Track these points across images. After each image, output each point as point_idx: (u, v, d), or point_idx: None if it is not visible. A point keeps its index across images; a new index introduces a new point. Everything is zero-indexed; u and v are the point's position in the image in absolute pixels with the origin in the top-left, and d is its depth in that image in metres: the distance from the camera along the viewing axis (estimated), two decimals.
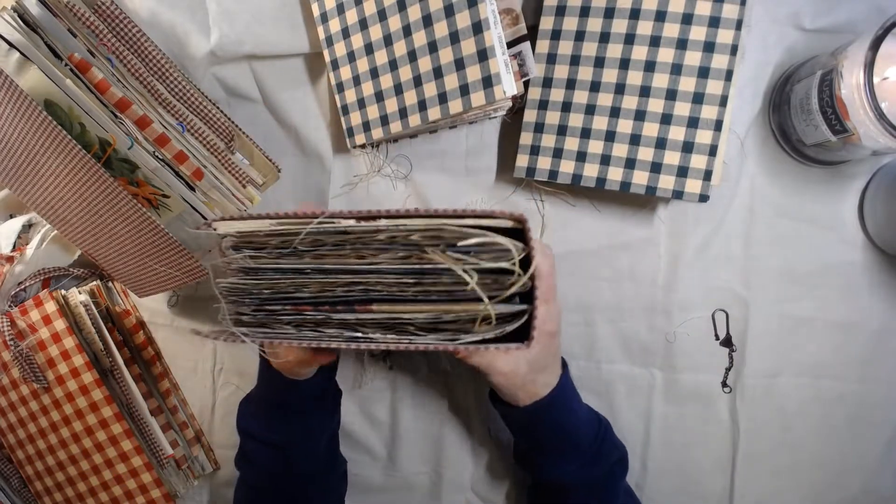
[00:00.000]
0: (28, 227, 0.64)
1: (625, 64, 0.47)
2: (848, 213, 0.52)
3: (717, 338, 0.55)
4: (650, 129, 0.48)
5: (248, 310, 0.35)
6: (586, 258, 0.56)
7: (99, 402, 0.56)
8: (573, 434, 0.47)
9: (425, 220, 0.31)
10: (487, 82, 0.45)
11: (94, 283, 0.61)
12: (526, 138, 0.52)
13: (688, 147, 0.47)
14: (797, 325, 0.54)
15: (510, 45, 0.49)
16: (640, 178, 0.48)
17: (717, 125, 0.46)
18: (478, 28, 0.44)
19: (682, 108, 0.47)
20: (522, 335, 0.33)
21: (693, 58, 0.46)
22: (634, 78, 0.47)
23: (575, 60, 0.49)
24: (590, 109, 0.49)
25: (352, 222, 0.31)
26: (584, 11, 0.48)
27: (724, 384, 0.55)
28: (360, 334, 0.32)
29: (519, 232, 0.32)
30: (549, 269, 0.42)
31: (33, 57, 0.45)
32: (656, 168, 0.48)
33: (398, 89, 0.50)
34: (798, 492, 0.55)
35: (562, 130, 0.50)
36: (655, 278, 0.55)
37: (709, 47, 0.45)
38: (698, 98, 0.46)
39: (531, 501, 0.55)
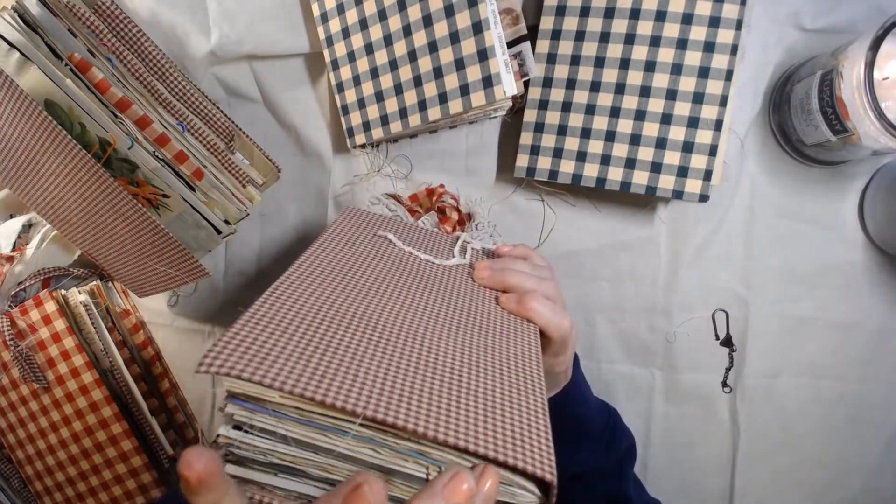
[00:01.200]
0: (28, 227, 0.64)
1: (625, 64, 0.47)
2: (848, 213, 0.52)
3: (717, 338, 0.55)
4: (650, 129, 0.48)
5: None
6: (586, 258, 0.56)
7: (99, 402, 0.56)
8: (587, 423, 0.48)
9: (452, 451, 0.27)
10: (487, 82, 0.45)
11: (94, 283, 0.61)
12: (526, 138, 0.52)
13: (688, 147, 0.47)
14: (797, 325, 0.54)
15: (510, 45, 0.49)
16: (640, 178, 0.48)
17: (717, 125, 0.46)
18: (478, 28, 0.44)
19: (682, 108, 0.47)
20: None
21: (693, 58, 0.46)
22: (634, 78, 0.47)
23: (575, 60, 0.49)
24: (590, 109, 0.49)
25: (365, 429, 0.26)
26: (584, 11, 0.48)
27: (725, 384, 0.55)
28: None
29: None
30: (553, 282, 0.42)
31: (33, 57, 0.45)
32: (656, 168, 0.48)
33: (398, 89, 0.50)
34: (798, 492, 0.56)
35: (562, 130, 0.50)
36: (655, 278, 0.55)
37: (709, 47, 0.45)
38: (698, 98, 0.46)
39: None
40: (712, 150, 0.47)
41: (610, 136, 0.49)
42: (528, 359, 0.36)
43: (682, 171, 0.47)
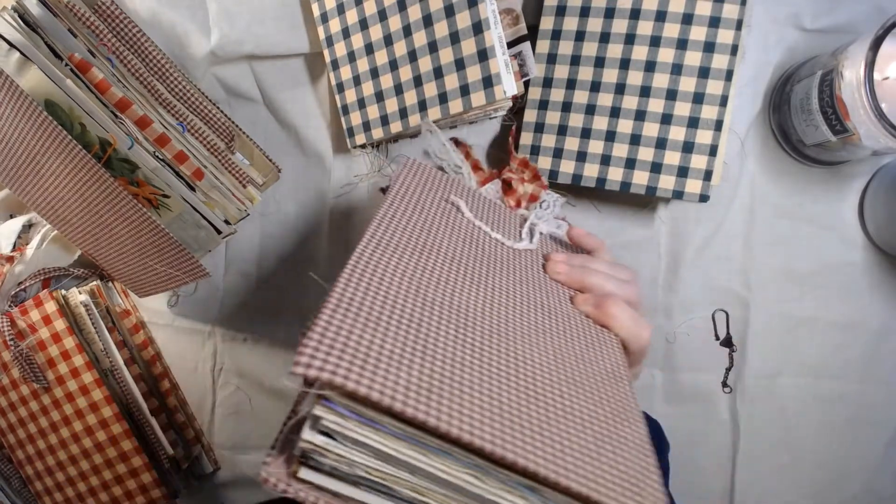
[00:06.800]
0: (28, 227, 0.64)
1: (625, 64, 0.47)
2: (848, 213, 0.52)
3: (718, 338, 0.55)
4: (650, 129, 0.48)
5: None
6: None
7: (99, 402, 0.56)
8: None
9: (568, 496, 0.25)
10: (487, 82, 0.45)
11: (94, 283, 0.61)
12: (526, 138, 0.52)
13: (688, 147, 0.47)
14: (797, 325, 0.54)
15: (510, 45, 0.49)
16: (641, 178, 0.48)
17: (718, 125, 0.46)
18: (478, 28, 0.44)
19: (682, 108, 0.47)
20: None
21: (693, 58, 0.46)
22: (634, 78, 0.47)
23: (575, 60, 0.49)
24: (590, 109, 0.49)
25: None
26: (585, 11, 0.48)
27: (725, 384, 0.55)
28: None
29: None
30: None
31: (33, 57, 0.45)
32: (656, 168, 0.48)
33: (398, 89, 0.50)
34: (798, 492, 0.56)
35: (562, 130, 0.50)
36: (656, 278, 0.55)
37: (709, 47, 0.45)
38: (698, 98, 0.46)
39: None
40: (712, 151, 0.47)
41: (610, 137, 0.49)
42: (620, 378, 0.33)
43: (682, 172, 0.48)
